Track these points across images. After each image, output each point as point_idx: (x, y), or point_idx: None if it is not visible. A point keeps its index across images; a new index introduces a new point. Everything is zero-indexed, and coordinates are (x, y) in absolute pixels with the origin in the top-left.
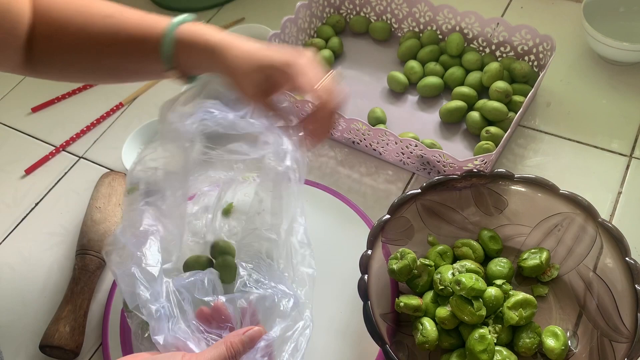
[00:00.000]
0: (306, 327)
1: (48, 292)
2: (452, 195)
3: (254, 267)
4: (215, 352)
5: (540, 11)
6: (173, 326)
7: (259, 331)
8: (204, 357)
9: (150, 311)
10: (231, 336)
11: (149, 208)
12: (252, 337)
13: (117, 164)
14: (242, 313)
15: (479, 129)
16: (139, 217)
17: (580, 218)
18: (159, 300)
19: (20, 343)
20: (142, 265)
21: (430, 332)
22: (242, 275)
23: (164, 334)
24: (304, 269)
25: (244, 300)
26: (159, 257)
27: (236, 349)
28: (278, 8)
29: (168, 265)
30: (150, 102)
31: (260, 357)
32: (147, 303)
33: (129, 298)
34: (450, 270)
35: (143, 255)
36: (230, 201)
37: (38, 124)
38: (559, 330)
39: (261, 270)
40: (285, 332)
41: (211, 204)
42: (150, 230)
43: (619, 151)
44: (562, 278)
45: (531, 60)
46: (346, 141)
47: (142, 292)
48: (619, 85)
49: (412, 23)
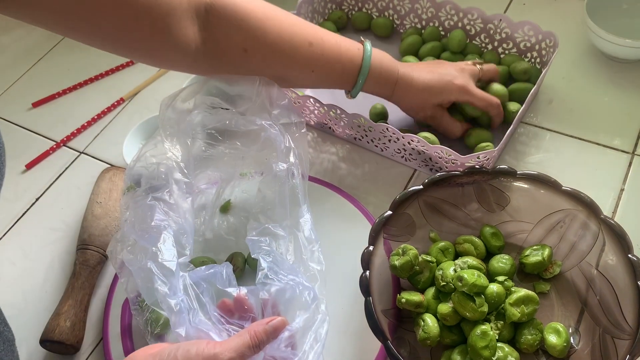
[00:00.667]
0: (324, 320)
1: (49, 287)
2: (454, 192)
3: (273, 261)
4: (240, 340)
5: (542, 8)
6: (194, 318)
7: (282, 321)
8: (229, 345)
9: (170, 305)
10: (255, 325)
11: (157, 203)
12: (275, 327)
13: (118, 159)
14: (264, 304)
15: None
16: (148, 212)
17: (583, 215)
18: (177, 294)
19: (21, 338)
20: (158, 260)
21: (431, 329)
22: (263, 267)
23: (185, 326)
24: (313, 265)
25: (266, 292)
26: (174, 252)
27: (260, 338)
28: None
29: (183, 259)
30: (151, 97)
31: (284, 347)
32: (166, 297)
33: (147, 293)
34: (452, 266)
35: (159, 250)
36: (228, 198)
37: (39, 119)
38: (561, 327)
39: (279, 264)
40: (306, 323)
41: (209, 202)
42: (162, 225)
43: (622, 148)
44: (564, 275)
45: (534, 57)
46: (348, 137)
47: (161, 287)
48: (622, 82)
49: (415, 19)
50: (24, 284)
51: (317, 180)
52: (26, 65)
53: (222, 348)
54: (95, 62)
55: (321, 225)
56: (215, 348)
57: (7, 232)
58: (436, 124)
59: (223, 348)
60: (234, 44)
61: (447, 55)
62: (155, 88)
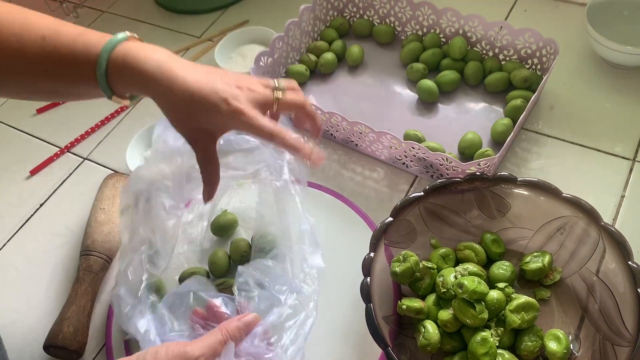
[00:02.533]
0: (308, 317)
1: (52, 293)
2: (455, 199)
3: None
4: (211, 337)
5: (543, 15)
6: (164, 334)
7: (255, 317)
8: (199, 342)
9: (137, 328)
10: (227, 322)
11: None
12: (247, 323)
13: (121, 166)
14: (241, 308)
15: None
16: (129, 234)
17: (583, 222)
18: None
19: (25, 343)
20: (127, 285)
21: (432, 335)
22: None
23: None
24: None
25: (242, 298)
26: (144, 274)
27: (232, 333)
28: (282, 10)
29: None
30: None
31: (259, 341)
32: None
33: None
34: (453, 273)
35: (128, 275)
36: (225, 207)
37: (43, 126)
38: (561, 334)
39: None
40: (285, 321)
41: (206, 212)
42: (137, 248)
43: (623, 155)
44: (565, 281)
45: (534, 64)
46: (349, 144)
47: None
48: (623, 88)
49: (416, 26)
50: (28, 290)
51: (318, 187)
52: None
53: (192, 346)
54: None
55: (322, 231)
56: (185, 346)
57: (11, 237)
58: (200, 157)
59: (194, 346)
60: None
61: (447, 61)
62: None
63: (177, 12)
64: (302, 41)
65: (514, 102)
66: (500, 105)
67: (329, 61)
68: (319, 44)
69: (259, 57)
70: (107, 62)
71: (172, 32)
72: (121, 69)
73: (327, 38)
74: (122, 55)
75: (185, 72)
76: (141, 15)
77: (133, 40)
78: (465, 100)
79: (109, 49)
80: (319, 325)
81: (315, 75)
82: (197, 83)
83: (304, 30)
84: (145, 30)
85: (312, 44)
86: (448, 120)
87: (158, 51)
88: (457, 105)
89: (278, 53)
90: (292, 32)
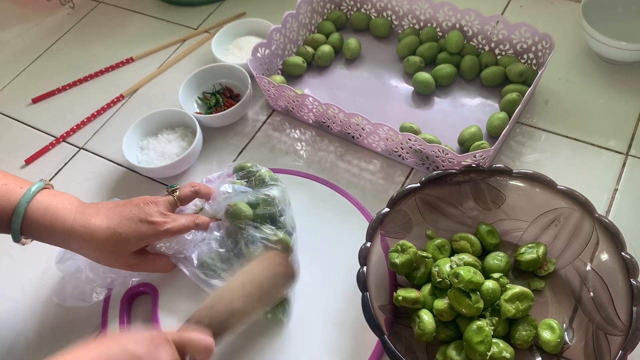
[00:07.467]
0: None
1: (47, 281)
2: (451, 190)
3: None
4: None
5: (539, 10)
6: None
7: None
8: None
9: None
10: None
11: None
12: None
13: (117, 155)
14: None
15: None
16: None
17: (577, 213)
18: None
19: (19, 330)
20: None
21: (427, 324)
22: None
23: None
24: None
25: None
26: None
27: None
28: (279, 3)
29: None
30: (151, 94)
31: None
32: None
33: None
34: (449, 263)
35: None
36: None
37: (38, 115)
38: (554, 323)
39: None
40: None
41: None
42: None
43: (616, 149)
44: (559, 272)
45: (530, 59)
46: (345, 136)
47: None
48: (617, 84)
49: (413, 20)
50: (23, 278)
51: (315, 178)
52: (26, 61)
53: None
54: (95, 59)
55: (319, 222)
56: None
57: None
58: (140, 269)
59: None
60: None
61: (444, 55)
62: (155, 85)
63: (173, 3)
64: (299, 33)
65: (509, 96)
66: (495, 99)
67: (326, 54)
68: (316, 36)
69: (256, 49)
70: (25, 211)
71: (169, 24)
72: (40, 219)
73: (324, 31)
74: (43, 208)
75: (96, 217)
76: (137, 6)
77: (55, 192)
78: (461, 94)
79: (27, 198)
80: (315, 314)
81: (312, 67)
82: (112, 220)
83: (301, 22)
84: (141, 21)
85: (309, 37)
86: (444, 113)
87: (77, 204)
88: (453, 98)
89: (275, 45)
90: (290, 24)
